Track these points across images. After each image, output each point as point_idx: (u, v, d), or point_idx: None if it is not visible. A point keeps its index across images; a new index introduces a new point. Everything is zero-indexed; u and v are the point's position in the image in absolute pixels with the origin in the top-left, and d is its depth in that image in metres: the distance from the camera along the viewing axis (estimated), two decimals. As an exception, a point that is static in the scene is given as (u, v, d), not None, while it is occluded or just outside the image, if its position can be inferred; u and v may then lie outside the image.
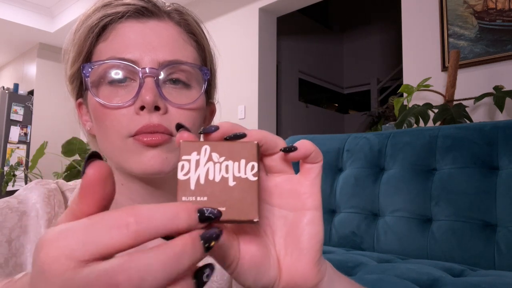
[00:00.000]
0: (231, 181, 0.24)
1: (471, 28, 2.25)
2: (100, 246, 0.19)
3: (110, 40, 0.44)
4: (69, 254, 0.19)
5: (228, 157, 0.25)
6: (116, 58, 0.43)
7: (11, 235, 0.42)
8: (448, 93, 2.04)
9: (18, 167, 4.49)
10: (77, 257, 0.19)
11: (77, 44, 0.45)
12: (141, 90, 0.42)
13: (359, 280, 1.03)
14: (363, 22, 6.04)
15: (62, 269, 0.19)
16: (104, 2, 0.46)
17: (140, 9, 0.45)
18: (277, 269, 0.30)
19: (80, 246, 0.19)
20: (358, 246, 1.52)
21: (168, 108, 0.43)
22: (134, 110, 0.42)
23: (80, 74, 0.47)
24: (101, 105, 0.43)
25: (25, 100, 5.15)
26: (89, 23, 0.45)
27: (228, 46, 3.60)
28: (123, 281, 0.19)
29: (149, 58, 0.43)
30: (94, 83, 0.44)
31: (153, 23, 0.46)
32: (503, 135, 1.32)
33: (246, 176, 0.24)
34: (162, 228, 0.20)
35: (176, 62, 0.44)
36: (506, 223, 1.23)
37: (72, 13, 4.49)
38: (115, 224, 0.20)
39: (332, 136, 1.81)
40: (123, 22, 0.45)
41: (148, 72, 0.42)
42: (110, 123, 0.43)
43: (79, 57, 0.46)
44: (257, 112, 3.36)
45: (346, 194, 1.62)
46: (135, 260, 0.19)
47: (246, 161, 0.25)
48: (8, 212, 0.44)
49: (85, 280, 0.19)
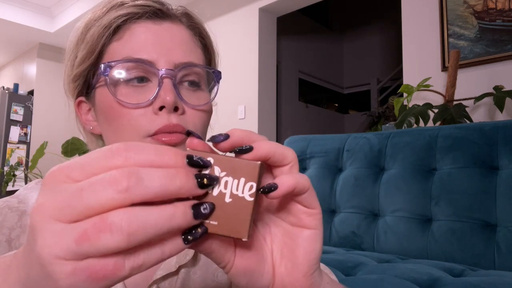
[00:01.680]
0: (227, 198, 0.25)
1: (471, 28, 2.25)
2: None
3: (125, 40, 0.45)
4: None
5: (229, 173, 0.25)
6: (133, 58, 0.43)
7: (11, 234, 0.42)
8: (448, 93, 2.04)
9: (18, 167, 4.49)
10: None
11: (89, 43, 0.45)
12: (160, 90, 0.42)
13: (359, 280, 1.03)
14: (363, 22, 6.04)
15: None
16: (115, 2, 0.46)
17: (156, 11, 0.46)
18: (271, 276, 0.30)
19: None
20: (358, 246, 1.52)
21: (184, 108, 0.44)
22: (152, 110, 0.43)
23: (87, 73, 0.47)
24: (119, 103, 0.43)
25: (25, 100, 5.15)
26: (104, 22, 0.45)
27: (228, 46, 3.60)
28: (124, 180, 0.21)
29: (165, 59, 0.44)
30: (110, 81, 0.44)
31: (167, 25, 0.46)
32: (503, 135, 1.32)
33: (243, 195, 0.25)
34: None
35: (190, 64, 0.45)
36: (506, 223, 1.23)
37: (72, 13, 4.50)
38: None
39: (332, 136, 1.81)
40: (139, 23, 0.45)
41: (166, 73, 0.43)
42: (128, 122, 0.43)
43: (90, 55, 0.46)
44: (257, 112, 3.36)
45: (346, 194, 1.62)
46: (130, 209, 0.21)
47: (246, 181, 0.25)
48: (8, 212, 0.44)
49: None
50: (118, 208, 0.21)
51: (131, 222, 0.21)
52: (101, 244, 0.20)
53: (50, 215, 0.21)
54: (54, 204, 0.21)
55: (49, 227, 0.21)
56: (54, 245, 0.21)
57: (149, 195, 0.21)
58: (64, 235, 0.21)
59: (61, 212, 0.21)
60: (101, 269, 0.21)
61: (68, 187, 0.21)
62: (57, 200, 0.21)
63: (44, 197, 0.22)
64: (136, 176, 0.21)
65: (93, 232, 0.20)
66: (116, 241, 0.20)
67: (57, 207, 0.21)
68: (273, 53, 3.61)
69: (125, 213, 0.21)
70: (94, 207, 0.21)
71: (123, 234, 0.20)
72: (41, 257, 0.21)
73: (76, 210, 0.21)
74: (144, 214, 0.21)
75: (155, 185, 0.22)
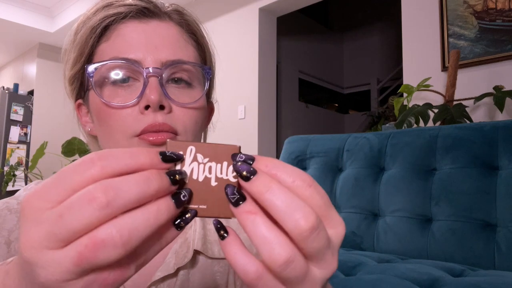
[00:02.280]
0: (213, 181, 0.26)
1: (471, 28, 2.25)
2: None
3: (112, 40, 0.45)
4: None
5: (211, 159, 0.26)
6: (119, 58, 0.43)
7: (10, 237, 0.42)
8: (448, 93, 2.04)
9: (18, 167, 4.49)
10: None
11: (79, 44, 0.45)
12: (145, 89, 0.42)
13: (359, 280, 1.03)
14: (363, 22, 6.04)
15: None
16: (105, 3, 0.46)
17: (142, 9, 0.46)
18: None
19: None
20: (358, 246, 1.52)
21: (172, 107, 0.44)
22: (138, 109, 0.43)
23: (80, 75, 0.47)
24: (106, 104, 0.43)
25: (25, 100, 5.15)
26: (91, 23, 0.45)
27: (228, 46, 3.60)
28: (101, 195, 0.21)
29: (152, 58, 0.43)
30: (98, 83, 0.44)
31: (154, 23, 0.46)
32: (503, 135, 1.32)
33: (227, 177, 0.26)
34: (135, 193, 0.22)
35: (178, 61, 0.45)
36: (506, 223, 1.23)
37: (72, 13, 4.49)
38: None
39: (332, 136, 1.81)
40: (125, 23, 0.45)
41: (152, 71, 0.42)
42: (115, 122, 0.43)
43: (80, 57, 0.46)
44: (257, 112, 3.35)
45: (346, 194, 1.62)
46: (116, 221, 0.22)
47: (228, 164, 0.26)
48: (7, 214, 0.44)
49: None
50: (103, 223, 0.21)
51: (121, 233, 0.21)
52: (100, 260, 0.21)
53: (40, 246, 0.21)
54: (39, 235, 0.21)
55: (44, 258, 0.21)
56: (57, 273, 0.21)
57: (130, 204, 0.22)
58: (61, 261, 0.21)
59: (49, 242, 0.21)
60: (109, 276, 0.22)
61: (48, 215, 0.21)
62: (41, 231, 0.21)
63: (28, 231, 0.22)
64: (113, 188, 0.21)
65: (87, 251, 0.21)
66: (114, 253, 0.21)
67: (43, 238, 0.21)
68: (273, 53, 3.61)
69: (113, 226, 0.21)
70: (79, 229, 0.21)
71: (117, 245, 0.21)
72: (49, 286, 0.22)
73: (62, 236, 0.21)
74: (131, 221, 0.22)
75: (133, 193, 0.22)
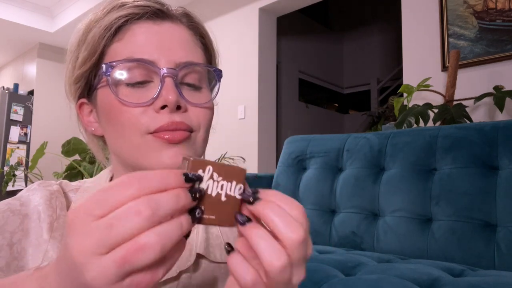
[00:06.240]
0: (223, 197, 0.32)
1: (471, 28, 2.25)
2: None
3: (126, 41, 0.45)
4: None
5: (224, 178, 0.32)
6: (134, 58, 0.44)
7: (13, 238, 0.42)
8: (448, 93, 2.04)
9: (18, 167, 4.49)
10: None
11: (91, 44, 0.45)
12: (162, 89, 0.43)
13: (359, 280, 1.03)
14: (363, 22, 6.04)
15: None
16: (116, 3, 0.46)
17: (156, 11, 0.46)
18: None
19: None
20: (358, 246, 1.52)
21: (187, 107, 0.45)
22: (154, 109, 0.43)
23: (89, 74, 0.47)
24: (120, 103, 0.43)
25: (25, 100, 5.15)
26: (105, 23, 0.45)
27: (228, 46, 3.60)
28: (146, 209, 0.26)
29: (166, 59, 0.44)
30: (112, 81, 0.44)
31: (167, 25, 0.47)
32: (503, 135, 1.33)
33: (234, 194, 0.32)
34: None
35: (191, 63, 0.46)
36: (506, 223, 1.23)
37: (72, 13, 4.49)
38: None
39: (332, 136, 1.81)
40: (139, 23, 0.46)
41: (167, 72, 0.43)
42: (128, 120, 0.43)
43: (91, 57, 0.46)
44: (257, 112, 3.35)
45: (346, 194, 1.62)
46: (155, 229, 0.27)
47: (236, 183, 0.32)
48: (10, 215, 0.44)
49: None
50: (144, 231, 0.26)
51: (160, 238, 0.26)
52: (141, 261, 0.26)
53: (90, 251, 0.25)
54: (90, 242, 0.25)
55: (93, 262, 0.25)
56: (102, 275, 0.25)
57: (166, 216, 0.27)
58: (107, 264, 0.25)
59: (98, 247, 0.25)
60: (143, 279, 0.27)
61: (99, 225, 0.26)
62: (93, 238, 0.25)
63: (79, 239, 0.26)
64: (155, 203, 0.26)
65: (130, 255, 0.25)
66: (152, 255, 0.26)
67: (93, 244, 0.25)
68: (273, 53, 3.61)
69: (153, 233, 0.26)
70: (126, 236, 0.26)
71: (156, 249, 0.26)
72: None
73: (111, 242, 0.25)
74: (165, 229, 0.27)
75: (169, 207, 0.27)
